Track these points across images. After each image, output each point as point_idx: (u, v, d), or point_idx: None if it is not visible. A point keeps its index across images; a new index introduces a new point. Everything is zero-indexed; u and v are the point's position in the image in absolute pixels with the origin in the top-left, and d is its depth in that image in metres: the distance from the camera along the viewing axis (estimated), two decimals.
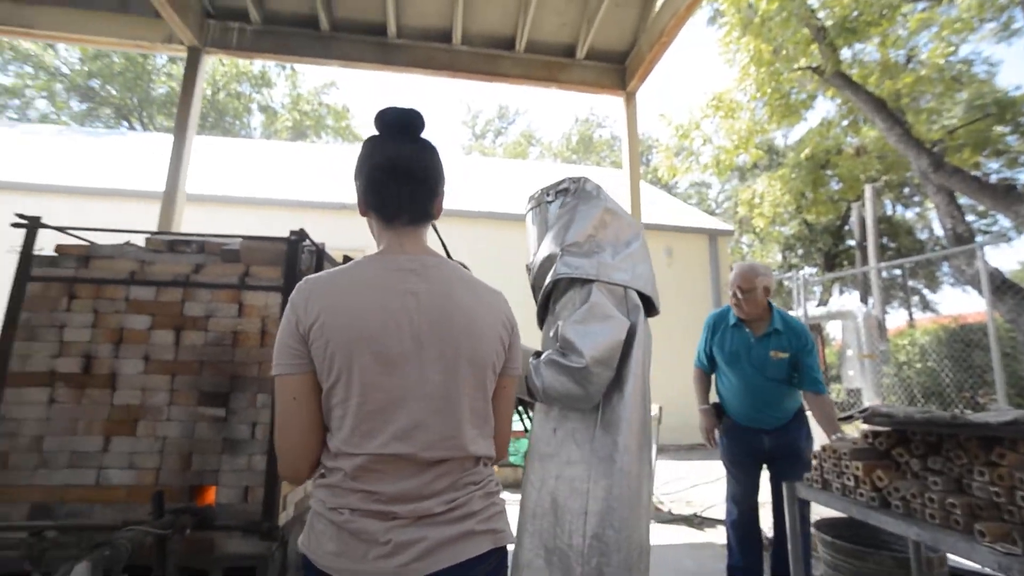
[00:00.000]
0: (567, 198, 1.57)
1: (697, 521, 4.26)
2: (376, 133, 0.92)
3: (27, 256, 2.14)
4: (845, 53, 6.38)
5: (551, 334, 1.45)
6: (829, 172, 9.82)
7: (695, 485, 5.64)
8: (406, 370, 0.78)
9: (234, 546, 2.02)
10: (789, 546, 2.00)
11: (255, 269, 2.28)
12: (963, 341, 7.01)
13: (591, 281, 1.42)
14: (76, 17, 4.20)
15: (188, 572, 1.96)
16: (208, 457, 2.08)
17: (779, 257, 17.23)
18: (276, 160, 10.89)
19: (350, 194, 8.47)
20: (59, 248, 2.22)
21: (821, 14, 5.52)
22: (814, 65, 6.00)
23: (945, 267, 14.17)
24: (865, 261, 12.86)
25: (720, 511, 4.54)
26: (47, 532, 1.69)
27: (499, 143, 26.44)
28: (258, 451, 2.11)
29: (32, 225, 2.17)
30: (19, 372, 2.06)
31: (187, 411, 2.10)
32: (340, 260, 2.84)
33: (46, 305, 2.12)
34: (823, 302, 12.89)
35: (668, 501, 4.80)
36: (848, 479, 1.80)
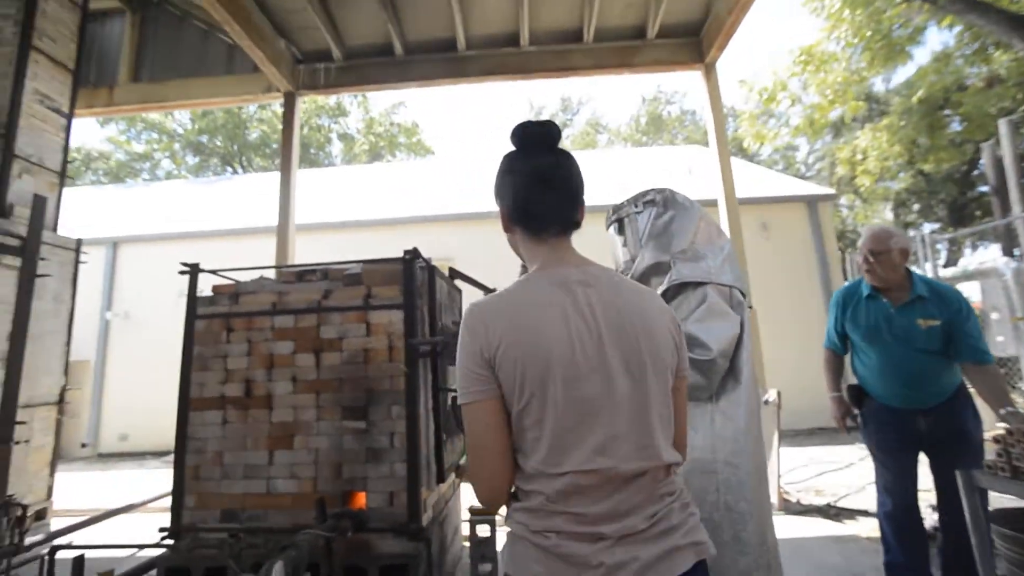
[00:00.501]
0: (658, 208, 1.73)
1: (833, 512, 3.92)
2: (513, 149, 0.94)
3: (192, 298, 2.48)
4: None
5: None
6: (948, 112, 8.54)
7: (822, 472, 5.21)
8: (595, 382, 0.78)
9: (387, 546, 2.19)
10: (973, 541, 1.78)
11: (376, 289, 2.46)
12: None
13: (703, 284, 1.57)
14: (197, 85, 4.79)
15: (350, 570, 2.17)
16: (355, 466, 2.28)
17: (890, 216, 15.36)
18: (362, 182, 11.66)
19: (432, 206, 8.86)
20: (215, 288, 2.55)
21: None
22: None
23: None
24: (1005, 209, 11.01)
25: (856, 500, 4.15)
26: (241, 534, 1.94)
27: (566, 136, 26.21)
28: (398, 459, 2.27)
29: (194, 271, 2.51)
30: (198, 398, 2.39)
31: (333, 425, 2.32)
32: (446, 272, 2.97)
33: (211, 339, 2.45)
34: (951, 262, 11.27)
35: (795, 491, 4.47)
36: None
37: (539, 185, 0.90)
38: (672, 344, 0.85)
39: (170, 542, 2.27)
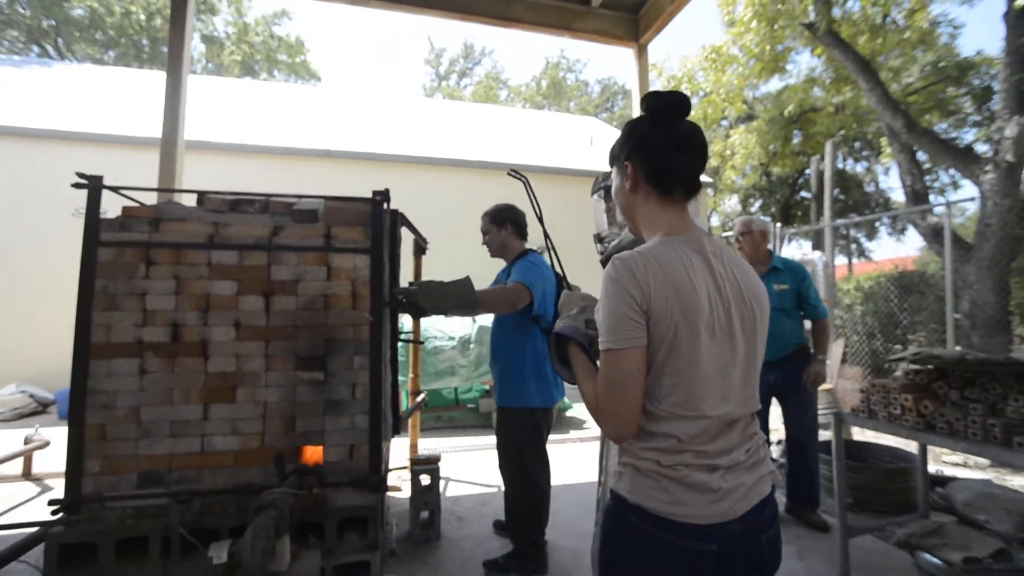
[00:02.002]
0: None
1: None
2: (643, 115, 1.01)
3: (94, 220, 1.99)
4: (834, 12, 6.52)
5: None
6: (797, 129, 10.25)
7: None
8: (725, 342, 0.90)
9: (345, 500, 2.11)
10: (835, 464, 2.33)
11: (337, 230, 2.24)
12: (902, 286, 7.82)
13: None
14: None
15: (303, 528, 2.06)
16: (311, 419, 2.12)
17: (738, 207, 18.02)
18: (235, 99, 9.98)
19: (323, 140, 7.99)
20: (128, 211, 2.08)
21: None
22: (809, 22, 6.12)
23: (884, 218, 15.40)
24: (820, 212, 13.74)
25: None
26: (189, 499, 1.72)
27: (464, 84, 25.26)
28: (359, 411, 2.17)
29: (96, 186, 2.00)
30: (104, 343, 1.98)
31: (285, 376, 2.11)
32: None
33: (123, 272, 2.01)
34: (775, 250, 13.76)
35: None
36: (895, 408, 2.12)
37: (676, 149, 0.97)
38: (767, 310, 0.99)
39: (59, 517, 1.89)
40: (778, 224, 6.93)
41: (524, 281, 2.25)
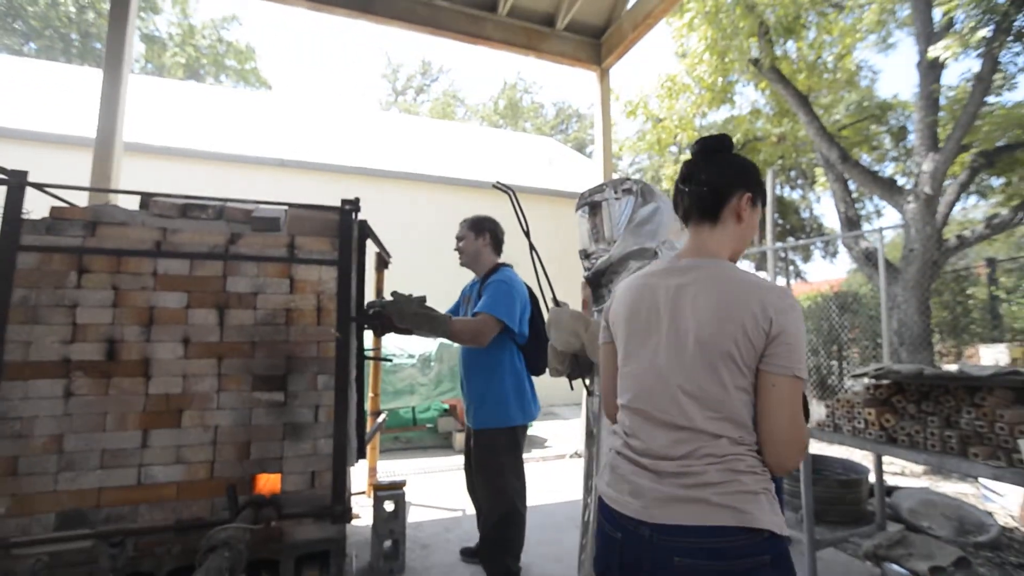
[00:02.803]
0: (637, 198, 1.78)
1: None
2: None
3: (15, 220, 1.75)
4: (776, 50, 7.04)
5: None
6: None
7: None
8: (648, 348, 1.01)
9: (305, 533, 1.94)
10: (803, 478, 2.39)
11: (301, 240, 2.09)
12: (839, 305, 8.40)
13: None
14: None
15: (255, 565, 1.86)
16: (269, 444, 1.93)
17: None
18: (167, 101, 9.40)
19: (276, 148, 7.65)
20: (57, 212, 1.84)
21: (768, 12, 6.04)
22: (754, 58, 6.57)
23: (819, 242, 16.59)
24: (762, 235, 14.62)
25: None
26: (121, 540, 1.51)
27: (421, 101, 25.14)
28: (323, 434, 2.00)
29: (18, 182, 1.77)
30: (21, 362, 1.72)
31: (240, 397, 1.92)
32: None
33: (48, 281, 1.77)
34: None
35: None
36: (858, 423, 2.21)
37: (681, 182, 1.09)
38: (739, 332, 0.90)
39: None
40: None
41: (494, 313, 2.17)
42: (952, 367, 2.03)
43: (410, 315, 1.96)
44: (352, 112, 13.06)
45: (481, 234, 2.42)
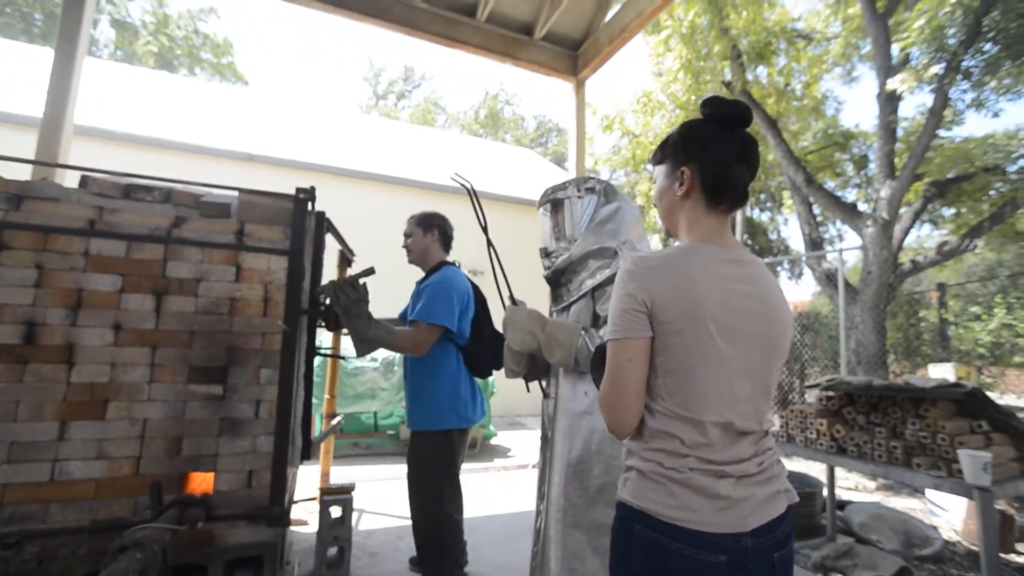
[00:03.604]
0: (599, 197, 1.77)
1: None
2: (703, 120, 1.00)
3: None
4: (747, 75, 7.29)
5: (605, 311, 1.62)
6: None
7: None
8: (734, 351, 0.88)
9: (237, 536, 1.82)
10: None
11: (251, 227, 2.00)
12: (801, 325, 8.65)
13: None
14: None
15: (180, 571, 1.73)
16: (203, 440, 1.82)
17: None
18: (133, 89, 9.08)
19: (245, 143, 7.45)
20: None
21: (742, 40, 6.26)
22: (727, 80, 6.79)
23: (785, 263, 17.15)
24: None
25: None
26: (17, 541, 1.38)
27: (402, 106, 25.04)
28: (263, 431, 1.90)
29: None
30: None
31: (173, 389, 1.81)
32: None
33: None
34: None
35: None
36: (811, 433, 2.23)
37: (737, 161, 0.96)
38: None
39: None
40: None
41: (430, 320, 2.10)
42: (899, 381, 2.08)
43: (341, 305, 1.88)
44: (330, 113, 12.88)
45: (429, 230, 2.37)
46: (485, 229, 1.88)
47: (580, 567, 1.52)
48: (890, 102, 6.82)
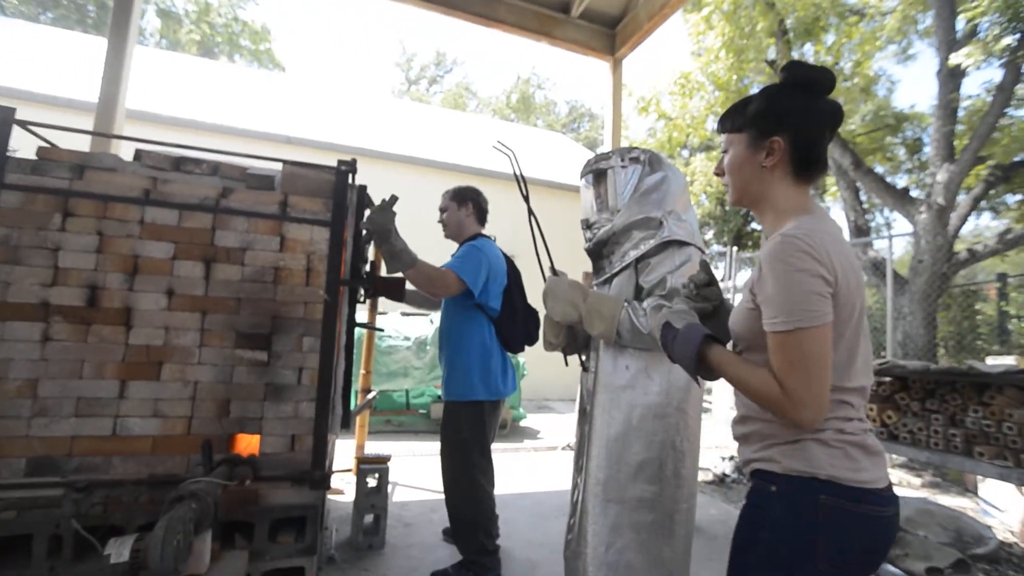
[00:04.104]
0: (644, 167, 1.71)
1: None
2: (786, 86, 0.95)
3: None
4: (793, 53, 6.94)
5: (649, 283, 1.57)
6: None
7: None
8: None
9: (281, 497, 1.89)
10: None
11: (294, 199, 2.04)
12: None
13: (688, 244, 1.60)
14: None
15: (230, 527, 1.81)
16: (249, 404, 1.88)
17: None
18: (178, 74, 9.38)
19: (284, 126, 7.61)
20: (44, 152, 1.80)
21: (789, 16, 5.94)
22: (771, 59, 6.48)
23: None
24: None
25: None
26: (87, 485, 1.46)
27: (434, 91, 25.08)
28: (305, 398, 1.95)
29: (2, 118, 1.72)
30: None
31: (222, 353, 1.87)
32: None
33: (31, 221, 1.73)
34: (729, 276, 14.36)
35: None
36: None
37: (831, 130, 0.93)
38: None
39: None
40: (734, 248, 7.19)
41: (456, 271, 2.13)
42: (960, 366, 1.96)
43: (379, 223, 1.92)
44: (363, 96, 13.01)
45: (464, 204, 2.38)
46: (527, 198, 1.84)
47: (618, 541, 1.51)
48: (952, 79, 6.37)
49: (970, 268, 7.56)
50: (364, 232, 2.16)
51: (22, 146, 1.82)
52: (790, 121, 0.92)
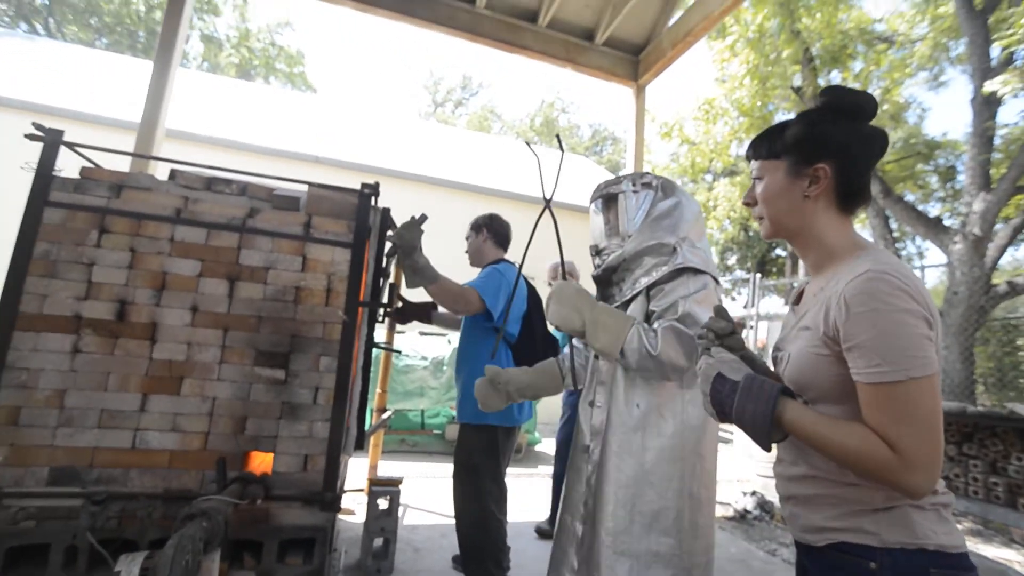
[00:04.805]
0: (656, 192, 1.67)
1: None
2: (830, 111, 0.89)
3: (45, 176, 1.80)
4: (819, 80, 6.90)
5: (661, 307, 1.50)
6: None
7: None
8: None
9: (292, 517, 1.88)
10: None
11: (317, 220, 2.08)
12: None
13: (703, 272, 1.52)
14: None
15: (239, 545, 1.81)
16: (265, 422, 1.90)
17: (716, 259, 18.49)
18: (216, 96, 9.82)
19: (313, 146, 7.86)
20: (87, 172, 1.89)
21: (815, 44, 5.93)
22: (796, 86, 6.44)
23: None
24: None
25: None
26: (104, 499, 1.48)
27: (459, 113, 25.72)
28: (320, 417, 1.96)
29: (51, 140, 1.82)
30: (35, 314, 1.74)
31: (241, 370, 1.90)
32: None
33: (70, 237, 1.80)
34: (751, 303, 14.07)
35: None
36: None
37: (874, 160, 0.87)
38: None
39: None
40: (757, 274, 7.05)
41: (478, 289, 2.15)
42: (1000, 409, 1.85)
43: (406, 239, 1.97)
44: (391, 118, 13.39)
45: (479, 231, 2.46)
46: (546, 198, 1.76)
47: None
48: (987, 107, 6.21)
49: (1011, 301, 7.22)
50: (389, 246, 2.19)
51: (67, 165, 1.92)
52: (837, 148, 0.86)
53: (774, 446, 0.85)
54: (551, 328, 2.23)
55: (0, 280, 1.73)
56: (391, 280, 2.53)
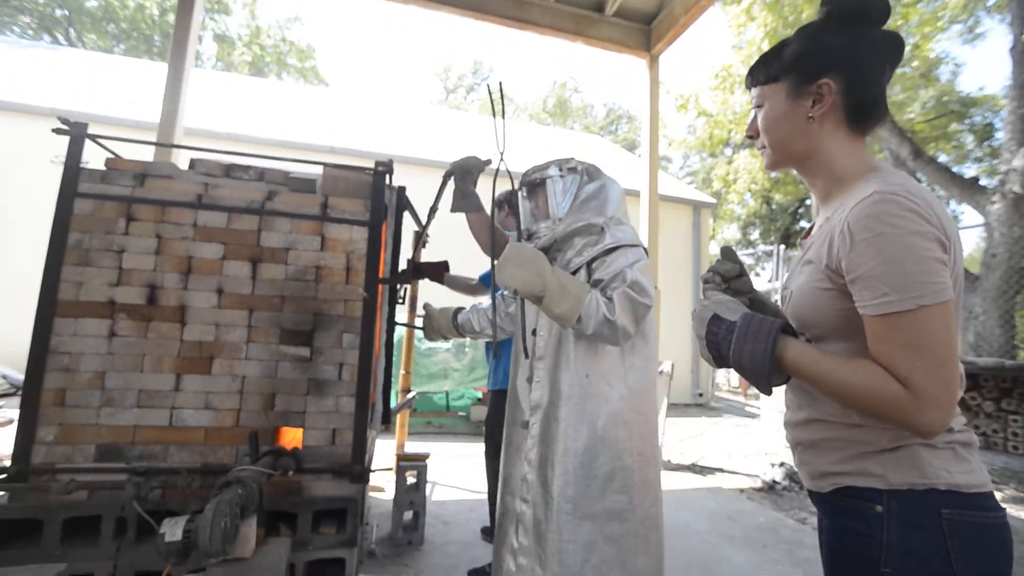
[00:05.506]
0: (582, 176, 1.73)
1: (697, 469, 4.56)
2: (832, 19, 0.77)
3: (74, 168, 1.86)
4: None
5: (608, 275, 1.52)
6: None
7: (682, 439, 6.01)
8: None
9: (323, 489, 1.94)
10: None
11: (334, 201, 2.11)
12: None
13: (637, 245, 1.59)
14: None
15: (274, 516, 1.88)
16: (293, 398, 1.96)
17: (737, 234, 18.09)
18: (231, 93, 9.96)
19: (328, 137, 7.93)
20: (112, 163, 1.95)
21: None
22: None
23: None
24: None
25: (712, 460, 4.90)
26: (147, 470, 1.55)
27: (471, 99, 25.56)
28: (346, 393, 2.01)
29: (78, 133, 1.88)
30: (72, 301, 1.82)
31: (267, 349, 1.96)
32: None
33: (100, 226, 1.87)
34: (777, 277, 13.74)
35: (663, 451, 5.08)
36: None
37: (891, 67, 0.75)
38: None
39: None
40: (782, 246, 6.87)
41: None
42: None
43: (464, 165, 2.00)
44: (403, 106, 13.39)
45: (501, 207, 2.54)
46: (500, 144, 1.70)
47: (592, 557, 1.45)
48: None
49: None
50: (445, 174, 2.14)
51: (93, 160, 1.99)
52: (841, 58, 0.76)
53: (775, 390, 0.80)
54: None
55: (38, 271, 1.82)
56: (412, 256, 2.55)
